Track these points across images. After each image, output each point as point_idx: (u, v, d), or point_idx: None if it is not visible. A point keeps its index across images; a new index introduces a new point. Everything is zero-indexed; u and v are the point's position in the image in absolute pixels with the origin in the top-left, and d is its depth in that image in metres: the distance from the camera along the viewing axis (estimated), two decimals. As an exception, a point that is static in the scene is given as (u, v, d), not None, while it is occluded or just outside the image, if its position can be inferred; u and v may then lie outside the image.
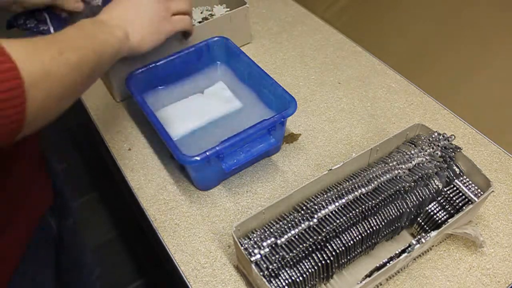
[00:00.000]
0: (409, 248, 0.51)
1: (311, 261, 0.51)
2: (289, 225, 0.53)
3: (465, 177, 0.60)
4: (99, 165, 1.63)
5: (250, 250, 0.51)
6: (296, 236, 0.52)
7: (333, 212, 0.54)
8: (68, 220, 0.74)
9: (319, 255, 0.52)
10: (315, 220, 0.53)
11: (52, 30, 0.91)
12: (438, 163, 0.58)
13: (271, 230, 0.53)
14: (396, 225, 0.57)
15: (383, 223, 0.55)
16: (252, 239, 0.52)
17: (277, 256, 0.50)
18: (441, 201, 0.59)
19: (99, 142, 0.82)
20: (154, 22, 0.64)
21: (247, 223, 0.54)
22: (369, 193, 0.56)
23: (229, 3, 0.95)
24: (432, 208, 0.59)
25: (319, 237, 0.51)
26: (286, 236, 0.52)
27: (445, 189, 0.59)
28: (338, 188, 0.57)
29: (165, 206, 0.66)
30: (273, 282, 0.50)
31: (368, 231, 0.54)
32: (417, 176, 0.57)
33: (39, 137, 0.59)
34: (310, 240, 0.51)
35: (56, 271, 0.65)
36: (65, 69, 0.43)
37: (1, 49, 0.36)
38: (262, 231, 0.53)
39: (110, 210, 1.59)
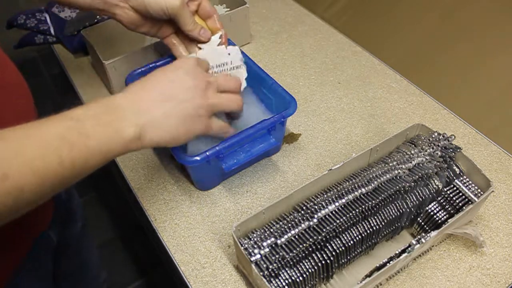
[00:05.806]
0: (409, 248, 0.51)
1: (311, 261, 0.51)
2: (289, 225, 0.53)
3: (465, 177, 0.60)
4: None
5: (250, 250, 0.51)
6: (296, 236, 0.52)
7: (333, 212, 0.54)
8: (76, 225, 0.72)
9: (319, 255, 0.52)
10: (315, 220, 0.53)
11: (52, 30, 0.91)
12: (438, 163, 0.58)
13: (271, 230, 0.53)
14: (396, 225, 0.57)
15: (383, 223, 0.55)
16: (252, 239, 0.52)
17: (277, 256, 0.50)
18: (441, 201, 0.59)
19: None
20: (186, 121, 0.49)
21: (247, 223, 0.54)
22: (369, 193, 0.56)
23: (229, 3, 0.95)
24: (432, 208, 0.59)
25: (319, 237, 0.51)
26: (286, 236, 0.52)
27: (445, 189, 0.59)
28: (338, 188, 0.57)
29: (165, 206, 0.66)
30: (273, 282, 0.50)
31: (368, 231, 0.54)
32: (417, 176, 0.57)
33: None
34: (310, 240, 0.51)
35: (55, 277, 0.64)
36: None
37: None
38: (262, 231, 0.53)
39: (110, 210, 1.59)
